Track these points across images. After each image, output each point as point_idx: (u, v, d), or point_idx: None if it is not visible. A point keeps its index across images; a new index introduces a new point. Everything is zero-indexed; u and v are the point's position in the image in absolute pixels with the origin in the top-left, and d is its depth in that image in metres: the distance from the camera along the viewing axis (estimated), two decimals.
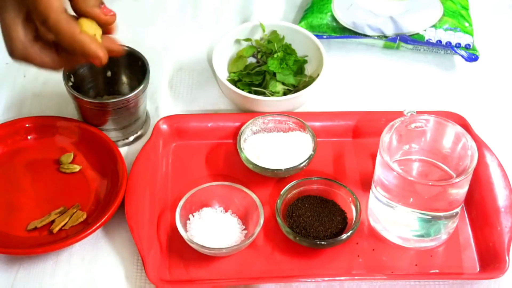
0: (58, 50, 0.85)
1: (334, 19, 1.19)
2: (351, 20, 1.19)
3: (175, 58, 1.19)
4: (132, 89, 1.04)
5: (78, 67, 1.03)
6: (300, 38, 1.15)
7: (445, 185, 0.91)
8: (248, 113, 1.09)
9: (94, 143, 1.05)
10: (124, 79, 1.08)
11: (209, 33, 1.23)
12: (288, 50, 1.13)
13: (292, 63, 1.12)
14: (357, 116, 1.09)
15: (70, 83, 1.04)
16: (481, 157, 1.02)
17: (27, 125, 1.07)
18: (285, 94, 1.11)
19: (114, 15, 0.84)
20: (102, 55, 0.84)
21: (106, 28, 0.86)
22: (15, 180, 1.03)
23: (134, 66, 1.06)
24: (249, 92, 1.10)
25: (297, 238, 0.96)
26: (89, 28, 0.84)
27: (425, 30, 1.18)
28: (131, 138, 1.08)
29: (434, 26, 1.18)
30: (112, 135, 1.06)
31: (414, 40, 1.18)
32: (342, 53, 1.22)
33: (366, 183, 1.02)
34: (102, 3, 0.84)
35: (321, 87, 1.14)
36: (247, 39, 1.16)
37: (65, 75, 1.03)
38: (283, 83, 1.12)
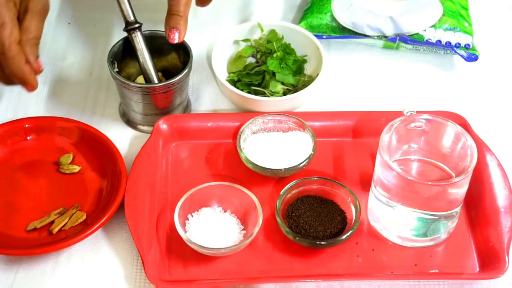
0: None
1: (333, 19, 1.19)
2: (350, 20, 1.19)
3: None
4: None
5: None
6: (299, 37, 1.15)
7: (445, 184, 0.91)
8: (248, 113, 1.09)
9: (94, 143, 1.05)
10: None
11: (209, 33, 1.23)
12: (287, 50, 1.14)
13: (291, 62, 1.12)
14: (356, 116, 1.09)
15: (116, 69, 1.08)
16: (480, 157, 1.02)
17: (26, 125, 1.07)
18: (284, 94, 1.11)
19: (42, 70, 0.99)
20: (35, 85, 0.98)
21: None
22: (15, 181, 1.03)
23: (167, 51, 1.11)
24: (249, 92, 1.10)
25: (297, 238, 0.95)
26: None
27: (425, 30, 1.18)
28: None
29: (433, 26, 1.18)
30: (154, 120, 1.07)
31: (413, 40, 1.18)
32: (342, 53, 1.22)
33: (365, 183, 1.02)
34: (38, 56, 0.99)
35: (320, 87, 1.14)
36: (246, 40, 1.16)
37: (110, 61, 1.06)
38: (282, 83, 1.12)
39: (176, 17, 1.01)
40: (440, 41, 1.17)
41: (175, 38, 1.02)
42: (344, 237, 0.95)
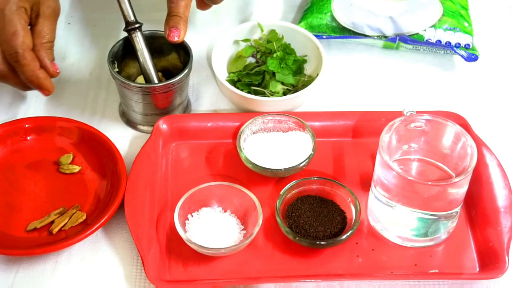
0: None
1: (333, 19, 1.19)
2: (350, 20, 1.19)
3: None
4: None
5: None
6: (299, 37, 1.15)
7: (445, 184, 0.91)
8: (248, 113, 1.09)
9: (94, 143, 1.05)
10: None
11: (209, 33, 1.23)
12: (287, 50, 1.14)
13: (291, 62, 1.12)
14: (356, 116, 1.09)
15: (116, 69, 1.08)
16: (480, 157, 1.02)
17: (26, 125, 1.07)
18: (284, 94, 1.11)
19: (59, 73, 1.02)
20: (52, 89, 1.02)
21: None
22: (15, 181, 1.03)
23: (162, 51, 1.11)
24: (249, 92, 1.10)
25: (297, 238, 0.95)
26: None
27: (425, 30, 1.18)
28: None
29: (433, 26, 1.18)
30: (154, 120, 1.07)
31: (413, 40, 1.18)
32: (342, 53, 1.22)
33: (365, 183, 1.02)
34: (53, 59, 1.01)
35: (320, 87, 1.14)
36: (246, 40, 1.16)
37: (110, 61, 1.07)
38: (282, 83, 1.12)
39: (175, 18, 1.02)
40: (440, 41, 1.17)
41: (175, 37, 1.02)
42: (344, 237, 0.95)
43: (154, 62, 1.07)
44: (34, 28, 1.00)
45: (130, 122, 1.11)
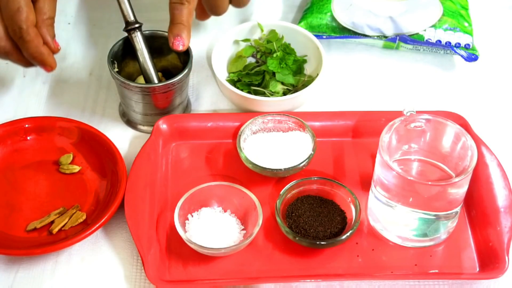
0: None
1: (333, 19, 1.19)
2: (350, 20, 1.19)
3: None
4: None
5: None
6: (299, 37, 1.15)
7: (445, 184, 0.91)
8: (248, 113, 1.09)
9: (94, 143, 1.05)
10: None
11: (209, 33, 1.23)
12: (287, 50, 1.14)
13: (291, 62, 1.12)
14: (356, 116, 1.09)
15: (116, 69, 1.08)
16: (480, 157, 1.02)
17: (26, 125, 1.07)
18: (284, 94, 1.11)
19: (60, 49, 1.01)
20: (54, 66, 1.00)
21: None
22: (15, 181, 1.03)
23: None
24: (249, 92, 1.10)
25: (297, 238, 0.95)
26: None
27: (425, 30, 1.18)
28: None
29: (433, 26, 1.18)
30: (154, 120, 1.07)
31: (413, 40, 1.18)
32: (342, 53, 1.22)
33: (365, 183, 1.02)
34: (54, 36, 1.00)
35: (320, 87, 1.14)
36: (246, 40, 1.16)
37: (109, 62, 1.07)
38: (282, 83, 1.12)
39: (179, 26, 1.02)
40: (440, 41, 1.17)
41: (180, 45, 1.02)
42: (344, 237, 0.95)
43: (154, 62, 1.07)
44: (35, 4, 1.00)
45: (130, 122, 1.11)
